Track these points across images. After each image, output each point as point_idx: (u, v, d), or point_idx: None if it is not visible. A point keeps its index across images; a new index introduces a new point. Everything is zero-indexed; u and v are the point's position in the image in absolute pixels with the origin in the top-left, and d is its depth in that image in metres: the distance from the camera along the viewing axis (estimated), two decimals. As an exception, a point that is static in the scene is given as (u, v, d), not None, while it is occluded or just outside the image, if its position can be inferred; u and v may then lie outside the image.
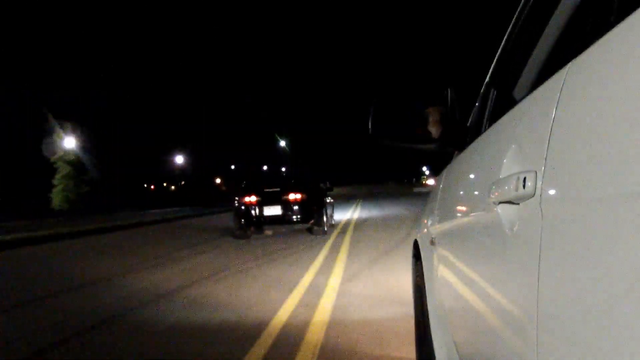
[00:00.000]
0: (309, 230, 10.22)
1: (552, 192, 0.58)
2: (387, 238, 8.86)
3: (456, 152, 1.60)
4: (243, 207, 9.96)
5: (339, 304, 3.99)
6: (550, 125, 0.60)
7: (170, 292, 4.83)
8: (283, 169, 11.47)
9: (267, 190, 10.12)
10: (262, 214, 9.90)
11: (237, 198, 10.34)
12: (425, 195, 2.06)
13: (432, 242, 1.68)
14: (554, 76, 0.66)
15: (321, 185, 11.31)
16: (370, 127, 1.56)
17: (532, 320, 0.59)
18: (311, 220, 9.90)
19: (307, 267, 5.91)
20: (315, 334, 3.21)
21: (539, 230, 0.59)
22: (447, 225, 1.46)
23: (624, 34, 0.47)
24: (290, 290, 4.57)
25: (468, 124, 1.51)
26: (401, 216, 14.81)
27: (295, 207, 9.84)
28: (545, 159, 0.60)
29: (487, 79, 1.40)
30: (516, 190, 0.67)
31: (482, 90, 1.44)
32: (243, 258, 7.09)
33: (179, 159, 43.40)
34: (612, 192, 0.44)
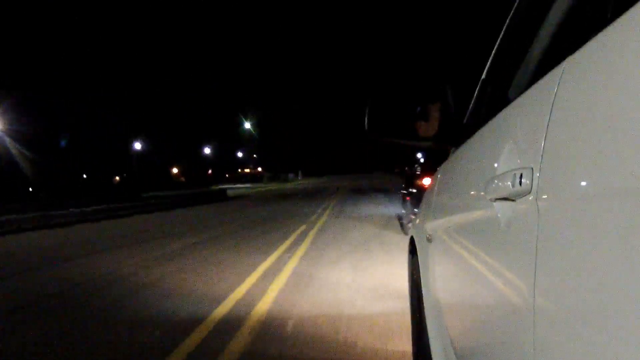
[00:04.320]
0: None
1: (548, 188, 0.58)
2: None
3: (452, 149, 1.61)
4: (420, 193, 7.76)
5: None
6: (547, 122, 0.61)
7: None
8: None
9: None
10: None
11: (407, 183, 8.73)
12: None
13: (429, 239, 1.68)
14: (550, 73, 0.66)
15: None
16: (366, 123, 1.56)
17: (529, 315, 0.59)
18: None
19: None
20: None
21: (536, 227, 0.60)
22: (443, 222, 1.46)
23: (620, 30, 0.47)
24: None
25: (464, 121, 1.51)
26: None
27: None
28: (542, 155, 0.60)
29: (484, 75, 1.40)
30: (512, 186, 0.67)
31: (478, 87, 1.44)
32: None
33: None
34: (608, 189, 0.45)
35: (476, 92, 1.45)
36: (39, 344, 3.27)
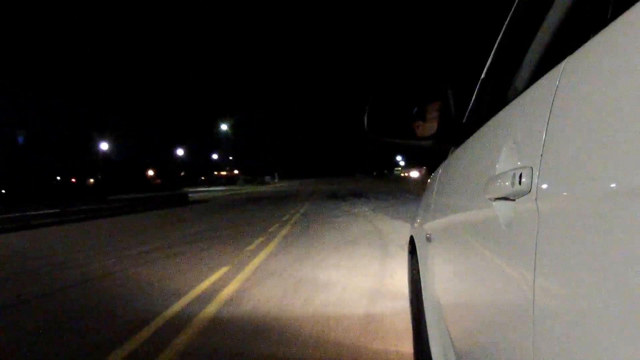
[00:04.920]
0: None
1: (548, 188, 0.58)
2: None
3: (452, 149, 1.61)
4: None
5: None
6: (547, 121, 0.61)
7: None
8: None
9: None
10: None
11: None
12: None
13: (428, 238, 1.68)
14: (550, 72, 0.66)
15: None
16: (366, 123, 1.56)
17: (528, 315, 0.59)
18: None
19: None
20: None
21: (535, 227, 0.60)
22: (442, 221, 1.46)
23: (620, 30, 0.47)
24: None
25: (464, 120, 1.51)
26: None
27: None
28: (541, 155, 0.60)
29: (483, 75, 1.40)
30: (512, 186, 0.67)
31: (478, 87, 1.44)
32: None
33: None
34: (608, 189, 0.45)
35: (476, 92, 1.45)
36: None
